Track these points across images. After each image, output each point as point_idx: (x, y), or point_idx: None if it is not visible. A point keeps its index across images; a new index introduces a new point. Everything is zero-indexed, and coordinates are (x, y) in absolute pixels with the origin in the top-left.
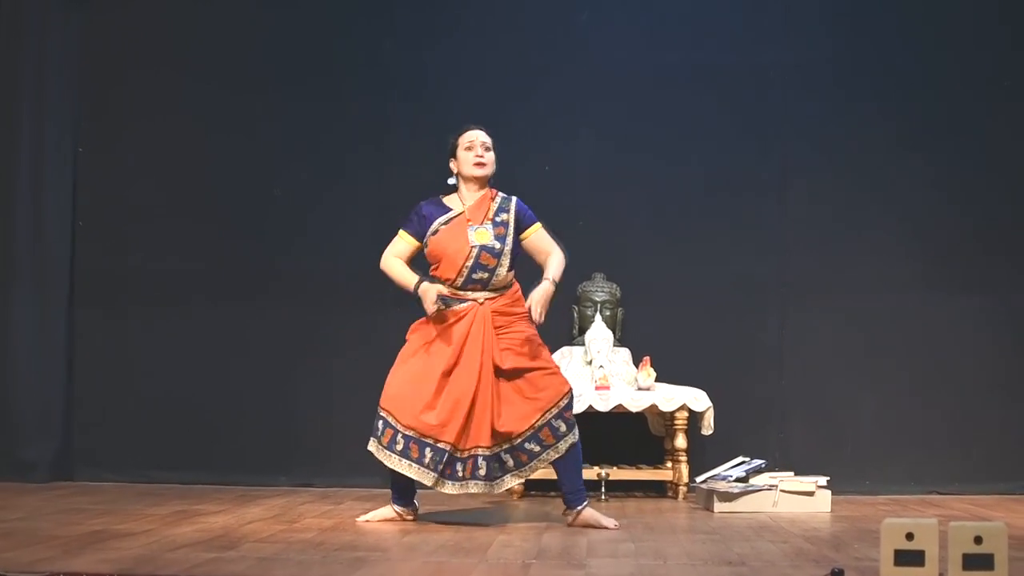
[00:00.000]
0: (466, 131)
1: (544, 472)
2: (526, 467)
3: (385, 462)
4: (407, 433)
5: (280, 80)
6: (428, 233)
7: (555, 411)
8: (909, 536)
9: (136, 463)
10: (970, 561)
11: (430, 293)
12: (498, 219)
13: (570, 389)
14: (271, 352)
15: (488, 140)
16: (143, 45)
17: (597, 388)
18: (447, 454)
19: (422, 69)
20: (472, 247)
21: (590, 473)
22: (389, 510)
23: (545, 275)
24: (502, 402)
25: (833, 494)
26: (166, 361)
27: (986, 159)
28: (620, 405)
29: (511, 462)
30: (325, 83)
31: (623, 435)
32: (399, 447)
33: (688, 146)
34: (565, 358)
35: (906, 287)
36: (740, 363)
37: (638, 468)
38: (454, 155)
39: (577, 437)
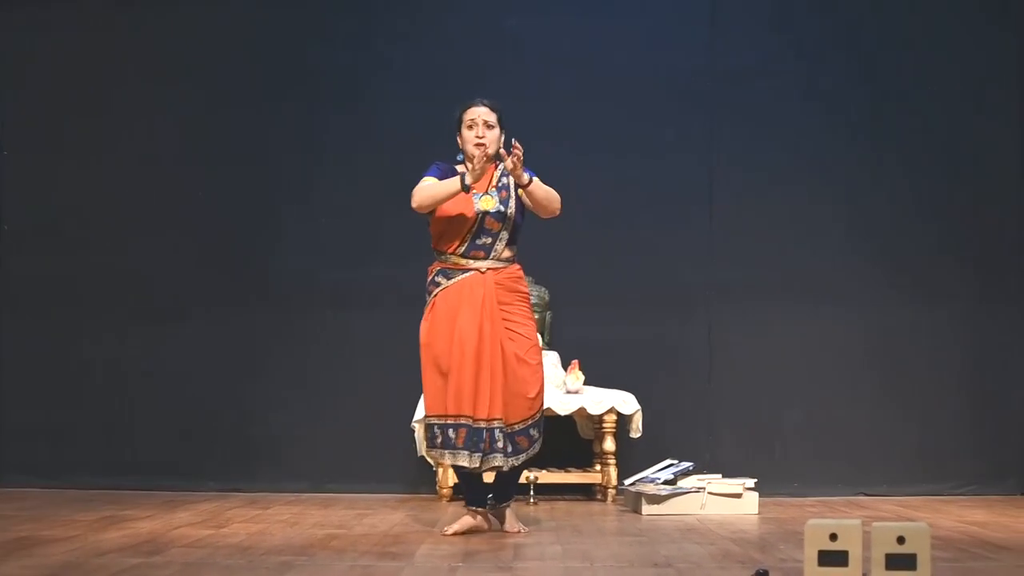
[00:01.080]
0: (470, 106)
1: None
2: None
3: (432, 460)
4: (443, 423)
5: (211, 82)
6: None
7: (531, 421)
8: (833, 537)
9: (64, 469)
10: (893, 561)
11: (475, 162)
12: (501, 183)
13: (540, 407)
14: (198, 357)
15: (492, 116)
16: (67, 45)
17: None
18: (468, 428)
19: (353, 75)
20: (477, 213)
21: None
22: (468, 518)
23: None
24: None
25: (761, 496)
26: (93, 366)
27: (920, 165)
28: (549, 408)
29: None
30: (256, 85)
31: (552, 438)
32: (439, 441)
33: (616, 150)
34: None
35: (832, 292)
36: (668, 366)
37: (567, 471)
38: (459, 130)
39: (537, 449)
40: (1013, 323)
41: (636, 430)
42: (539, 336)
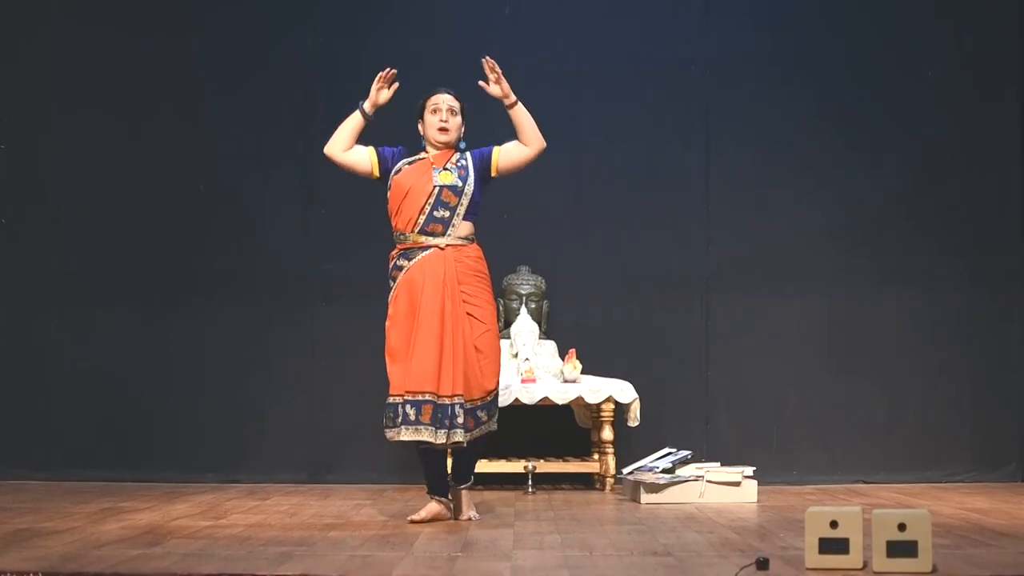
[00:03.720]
0: (434, 93)
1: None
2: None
3: (391, 438)
4: (404, 399)
5: (204, 77)
6: (391, 172)
7: (480, 404)
8: (833, 524)
9: (63, 461)
10: (894, 548)
11: (372, 89)
12: (460, 163)
13: (494, 388)
14: (197, 349)
15: (456, 103)
16: (66, 40)
17: (523, 381)
18: (432, 404)
19: (345, 63)
20: (435, 186)
21: (517, 466)
22: (434, 505)
23: None
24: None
25: (759, 484)
26: (91, 359)
27: (912, 153)
28: (546, 398)
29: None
30: (249, 78)
31: (550, 428)
32: (398, 419)
33: (612, 139)
34: None
35: (830, 279)
36: (666, 355)
37: (565, 460)
38: (421, 116)
39: (495, 427)
40: (1011, 309)
41: (634, 419)
42: (536, 325)
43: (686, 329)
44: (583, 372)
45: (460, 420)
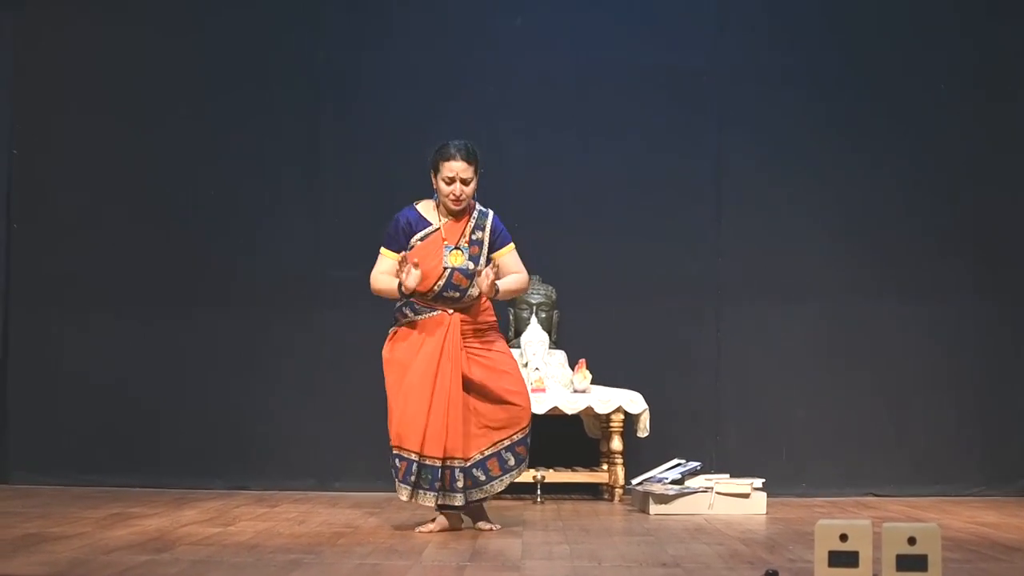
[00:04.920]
0: (448, 158)
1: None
2: (472, 490)
3: (405, 499)
4: (413, 459)
5: (215, 85)
6: (405, 248)
7: (507, 443)
8: (843, 537)
9: (72, 466)
10: (904, 562)
11: (411, 275)
12: (474, 237)
13: (528, 424)
14: (206, 355)
15: (468, 171)
16: (78, 47)
17: (533, 390)
18: (439, 469)
19: (353, 74)
20: (445, 269)
21: (525, 475)
22: (443, 519)
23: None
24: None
25: (769, 496)
26: (102, 364)
27: (923, 165)
28: (556, 407)
29: (462, 483)
30: (257, 87)
31: (559, 437)
32: (413, 478)
33: (623, 148)
34: None
35: (841, 291)
36: (676, 365)
37: (574, 470)
38: (435, 170)
39: (523, 472)
40: (1022, 322)
41: (643, 429)
42: (546, 335)
43: (696, 340)
44: (593, 382)
45: (460, 484)
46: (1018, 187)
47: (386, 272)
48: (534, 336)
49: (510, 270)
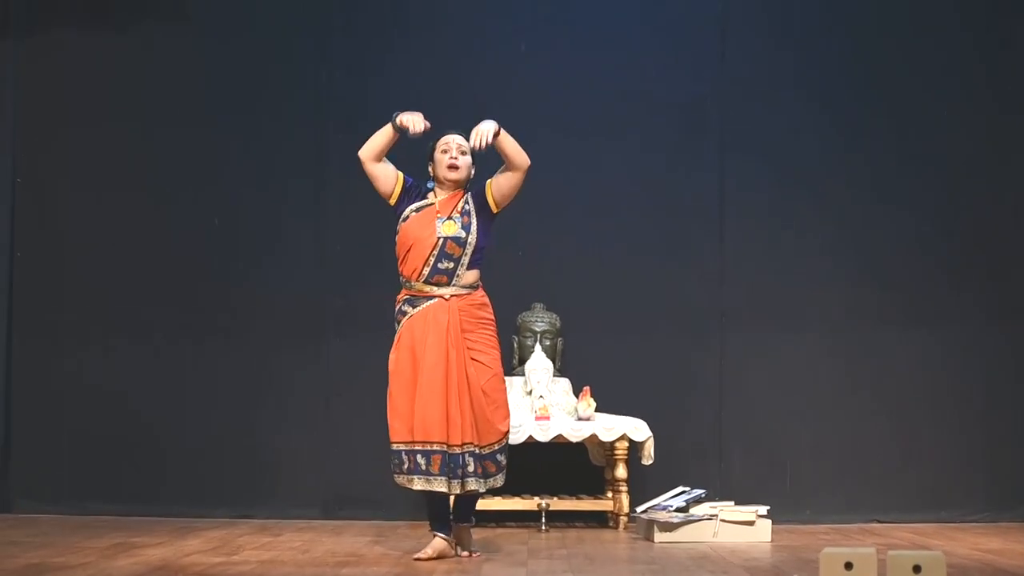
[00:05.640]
0: (444, 135)
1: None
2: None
3: (402, 484)
4: (412, 448)
5: (220, 112)
6: (400, 217)
7: (498, 447)
8: (848, 565)
9: (75, 495)
10: None
11: (412, 115)
12: (465, 207)
13: (508, 431)
14: (210, 384)
15: (465, 144)
16: (81, 72)
17: (537, 418)
18: (443, 454)
19: (358, 97)
20: (439, 238)
21: (530, 503)
22: (438, 542)
23: None
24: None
25: (773, 523)
26: (104, 393)
27: (928, 189)
28: (560, 435)
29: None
30: (262, 112)
31: (563, 465)
32: (405, 466)
33: (627, 174)
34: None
35: (845, 316)
36: (680, 393)
37: (578, 498)
38: (432, 158)
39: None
40: None
41: (648, 457)
42: (550, 363)
43: (700, 366)
44: (597, 410)
45: (471, 468)
46: (1023, 213)
47: None
48: (538, 364)
49: (502, 171)
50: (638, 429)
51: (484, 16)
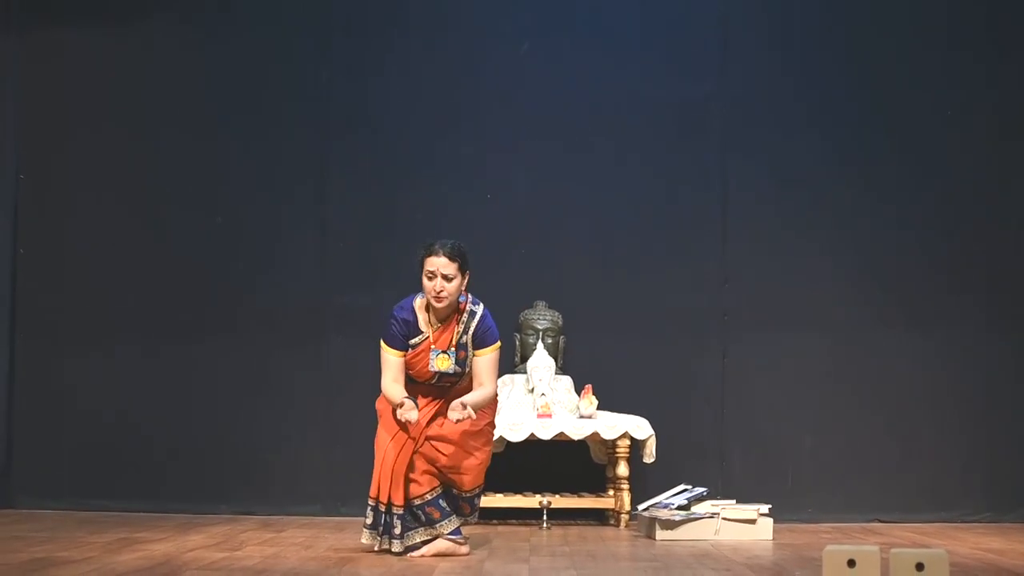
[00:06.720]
0: (431, 254)
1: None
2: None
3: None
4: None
5: (221, 112)
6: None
7: (469, 495)
8: (851, 563)
9: (78, 491)
10: None
11: (405, 412)
12: (461, 341)
13: (480, 487)
14: (212, 381)
15: (451, 267)
16: (83, 73)
17: (539, 416)
18: (383, 514)
19: (360, 98)
20: (434, 373)
21: (532, 501)
22: (441, 540)
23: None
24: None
25: (775, 522)
26: (107, 390)
27: (929, 194)
28: (562, 433)
29: (423, 517)
30: (263, 112)
31: (565, 463)
32: (369, 521)
33: (629, 176)
34: (507, 386)
35: (845, 318)
36: (682, 391)
37: (580, 496)
38: (421, 270)
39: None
40: None
41: (650, 455)
42: (552, 360)
43: (702, 366)
44: (599, 408)
45: (397, 531)
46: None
47: (397, 374)
48: (540, 361)
49: (479, 375)
50: (640, 427)
51: (484, 16)
